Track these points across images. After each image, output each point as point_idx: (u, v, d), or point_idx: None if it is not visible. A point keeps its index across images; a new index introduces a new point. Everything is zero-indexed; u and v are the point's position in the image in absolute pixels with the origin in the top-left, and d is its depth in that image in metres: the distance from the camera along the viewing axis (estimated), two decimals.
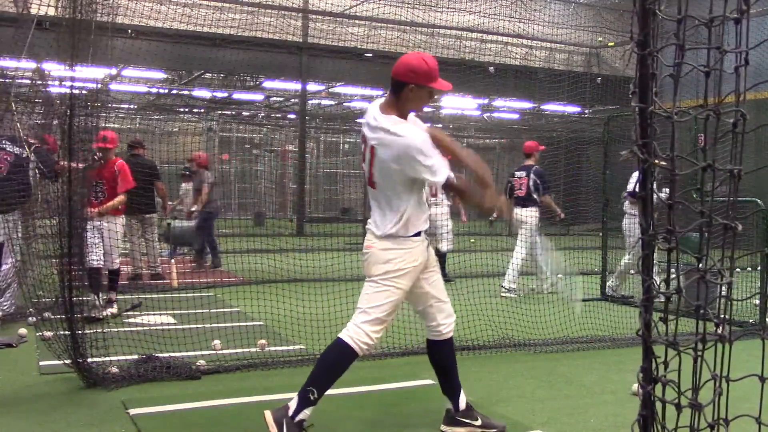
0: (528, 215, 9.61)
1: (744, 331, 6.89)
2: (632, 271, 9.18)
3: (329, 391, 3.73)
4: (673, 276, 1.64)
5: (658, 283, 1.57)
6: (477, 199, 3.86)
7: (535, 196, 9.68)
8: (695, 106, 1.55)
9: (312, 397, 3.67)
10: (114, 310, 7.44)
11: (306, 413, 3.67)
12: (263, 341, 5.97)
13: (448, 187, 3.80)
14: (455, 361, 4.11)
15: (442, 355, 4.07)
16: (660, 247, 1.50)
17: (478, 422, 4.04)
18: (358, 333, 3.75)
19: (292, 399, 3.71)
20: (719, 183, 1.48)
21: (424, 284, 3.95)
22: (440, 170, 3.67)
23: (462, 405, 4.06)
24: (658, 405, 1.62)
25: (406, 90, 3.72)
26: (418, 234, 3.83)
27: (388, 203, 3.80)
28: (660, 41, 1.46)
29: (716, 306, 1.65)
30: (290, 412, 3.66)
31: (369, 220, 3.96)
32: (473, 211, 13.46)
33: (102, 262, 7.33)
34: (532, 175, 9.71)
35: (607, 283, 9.31)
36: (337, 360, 3.78)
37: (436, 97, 4.00)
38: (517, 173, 9.92)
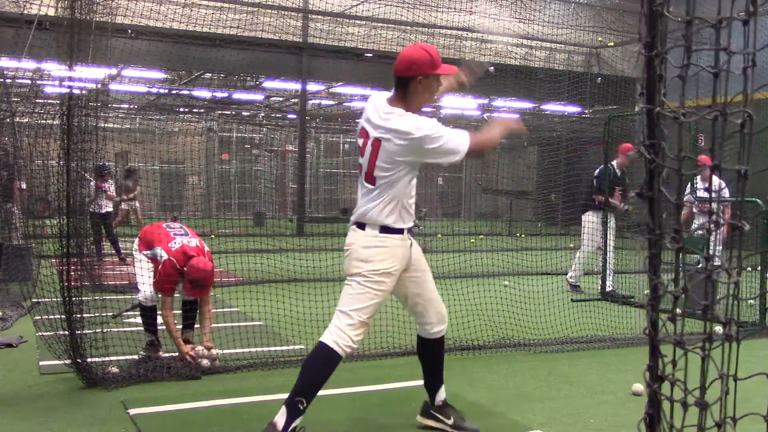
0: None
1: (745, 331, 6.90)
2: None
3: (329, 391, 3.72)
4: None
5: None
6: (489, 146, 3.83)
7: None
8: (694, 107, 1.55)
9: (302, 407, 3.57)
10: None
11: (297, 422, 3.56)
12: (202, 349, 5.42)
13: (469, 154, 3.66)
14: (442, 361, 4.12)
15: (429, 353, 4.09)
16: (668, 246, 1.50)
17: (450, 421, 4.04)
18: (342, 337, 3.65)
19: (278, 414, 3.57)
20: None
21: (409, 284, 3.89)
22: (458, 146, 3.59)
23: (438, 401, 4.08)
24: (665, 404, 1.62)
25: (414, 84, 3.67)
26: (401, 231, 3.73)
27: (381, 196, 3.67)
28: (667, 42, 1.45)
29: (722, 306, 1.65)
30: (280, 428, 3.52)
31: (351, 218, 3.84)
32: (474, 212, 13.45)
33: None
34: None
35: None
36: (325, 366, 3.67)
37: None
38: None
